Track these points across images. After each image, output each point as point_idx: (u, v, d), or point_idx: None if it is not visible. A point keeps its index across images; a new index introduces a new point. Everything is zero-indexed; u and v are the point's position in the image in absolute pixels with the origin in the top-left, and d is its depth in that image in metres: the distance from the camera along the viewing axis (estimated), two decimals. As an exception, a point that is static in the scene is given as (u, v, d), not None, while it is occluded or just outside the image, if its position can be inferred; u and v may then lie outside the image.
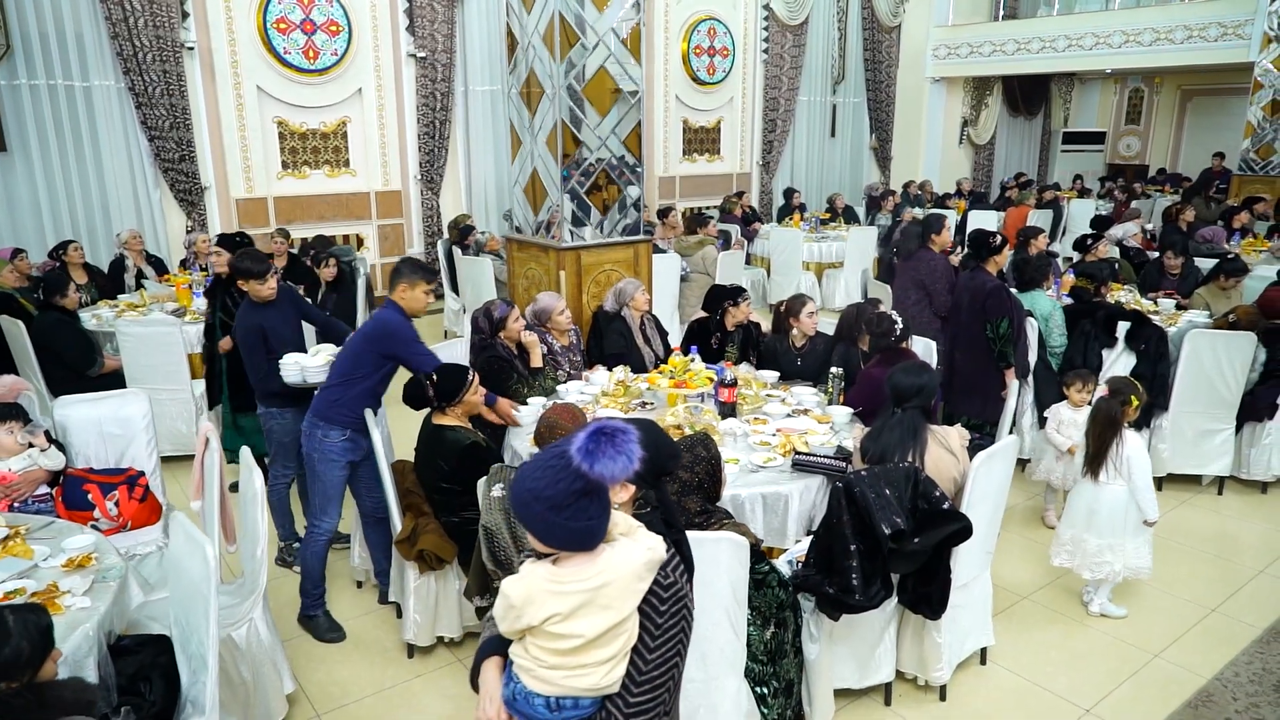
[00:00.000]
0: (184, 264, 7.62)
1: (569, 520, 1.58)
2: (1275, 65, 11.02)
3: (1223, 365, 4.88)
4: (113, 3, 7.76)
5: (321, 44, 9.06)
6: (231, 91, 8.70)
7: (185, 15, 8.27)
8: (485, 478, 2.84)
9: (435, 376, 3.38)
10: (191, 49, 8.36)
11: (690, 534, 2.35)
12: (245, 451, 3.12)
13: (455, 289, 8.43)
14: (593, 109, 5.05)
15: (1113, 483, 3.76)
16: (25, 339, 5.11)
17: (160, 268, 7.45)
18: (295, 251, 7.46)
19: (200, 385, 5.50)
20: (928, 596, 3.07)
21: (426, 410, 3.56)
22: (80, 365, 5.24)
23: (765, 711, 2.81)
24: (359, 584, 4.14)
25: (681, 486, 2.64)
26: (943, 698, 3.31)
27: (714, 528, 2.62)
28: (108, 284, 6.98)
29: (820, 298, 9.80)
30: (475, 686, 1.80)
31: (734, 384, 3.99)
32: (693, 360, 4.12)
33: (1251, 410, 5.00)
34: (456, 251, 8.00)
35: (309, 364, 3.85)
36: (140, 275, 7.19)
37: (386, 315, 3.66)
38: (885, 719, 3.24)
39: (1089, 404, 4.46)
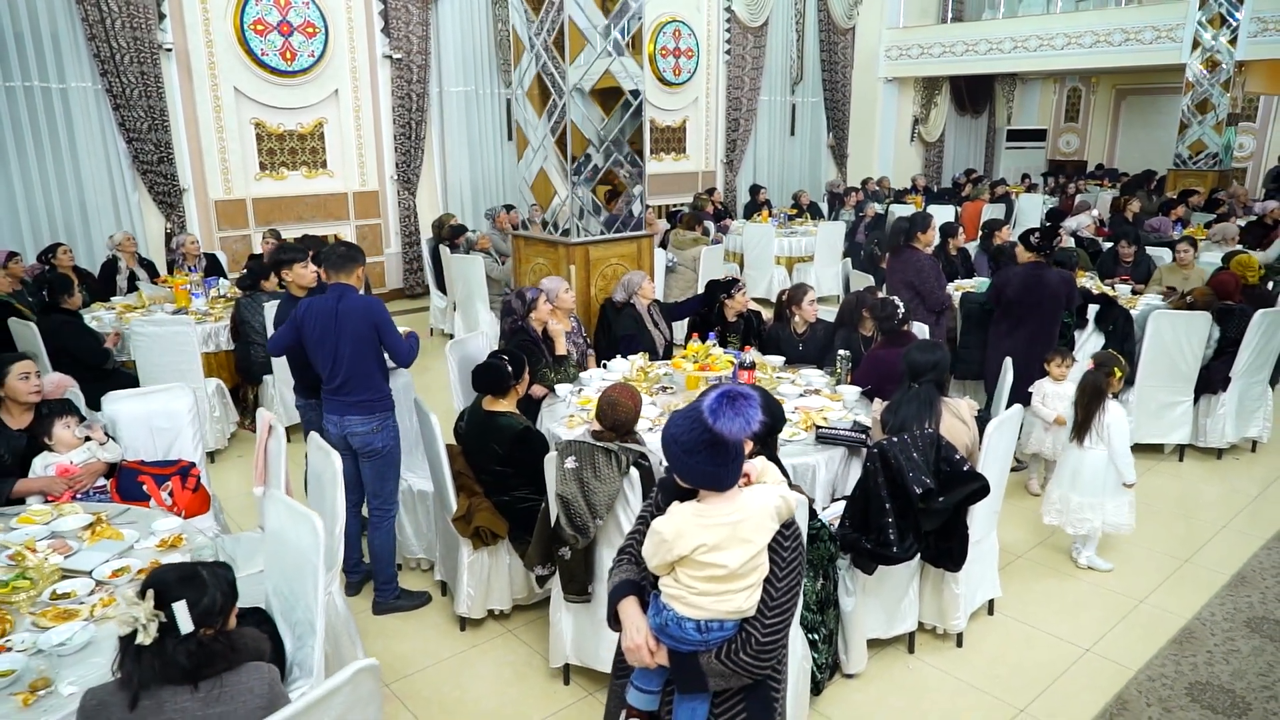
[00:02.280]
0: (172, 266, 7.61)
1: (698, 464, 1.85)
2: (1204, 66, 11.77)
3: (1182, 343, 5.33)
4: (89, 4, 7.71)
5: (298, 45, 9.09)
6: (209, 93, 8.68)
7: (162, 17, 8.24)
8: (557, 452, 3.06)
9: (510, 361, 3.61)
10: (169, 51, 8.34)
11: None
12: (314, 436, 3.30)
13: (441, 287, 8.56)
14: (599, 109, 5.28)
15: (1095, 448, 4.14)
16: (39, 341, 5.14)
17: (152, 270, 7.45)
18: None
19: (214, 383, 5.60)
20: (949, 551, 3.39)
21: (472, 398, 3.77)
22: (94, 361, 5.28)
23: (816, 656, 3.10)
24: (398, 566, 4.31)
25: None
26: (959, 644, 3.64)
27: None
28: (99, 286, 6.97)
29: (791, 290, 10.18)
30: (613, 626, 2.04)
31: (752, 366, 4.27)
32: (713, 346, 4.39)
33: (1207, 383, 5.46)
34: (445, 250, 8.13)
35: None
36: (133, 277, 7.18)
37: (365, 299, 3.76)
38: (908, 666, 3.55)
39: (1067, 378, 4.87)
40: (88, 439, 3.56)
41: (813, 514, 3.04)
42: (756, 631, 1.89)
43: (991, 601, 3.88)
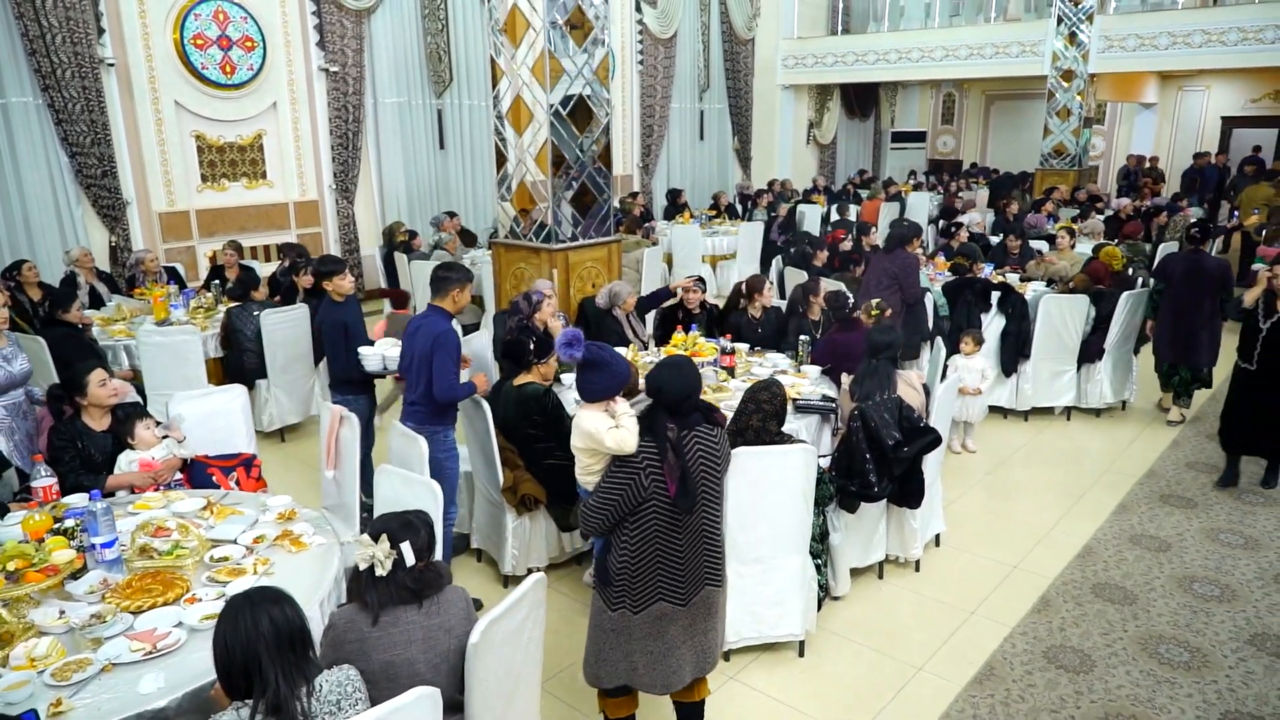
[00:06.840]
0: (131, 282, 7.71)
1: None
2: (1062, 79, 13.31)
3: (1067, 321, 6.41)
4: (29, 19, 7.74)
5: (237, 59, 9.28)
6: (150, 106, 8.78)
7: (102, 31, 8.31)
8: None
9: (535, 341, 4.21)
10: (110, 65, 8.39)
11: (777, 447, 3.42)
12: (397, 424, 3.83)
13: (395, 292, 8.94)
14: (574, 128, 5.90)
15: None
16: (45, 353, 5.34)
17: (111, 283, 7.56)
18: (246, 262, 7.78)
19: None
20: (910, 492, 4.23)
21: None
22: (99, 376, 5.51)
23: (820, 579, 3.86)
24: (430, 541, 4.83)
25: (764, 415, 3.61)
26: (918, 569, 4.50)
27: (785, 444, 3.63)
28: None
29: (716, 287, 11.04)
30: None
31: (733, 352, 5.01)
32: (699, 336, 5.11)
33: (1086, 354, 6.56)
34: (402, 257, 8.53)
35: (390, 354, 4.51)
36: (93, 292, 7.28)
37: (440, 326, 4.07)
38: (881, 588, 4.37)
39: (977, 354, 5.86)
40: (165, 437, 3.95)
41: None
42: (591, 498, 2.81)
43: (938, 535, 4.75)
